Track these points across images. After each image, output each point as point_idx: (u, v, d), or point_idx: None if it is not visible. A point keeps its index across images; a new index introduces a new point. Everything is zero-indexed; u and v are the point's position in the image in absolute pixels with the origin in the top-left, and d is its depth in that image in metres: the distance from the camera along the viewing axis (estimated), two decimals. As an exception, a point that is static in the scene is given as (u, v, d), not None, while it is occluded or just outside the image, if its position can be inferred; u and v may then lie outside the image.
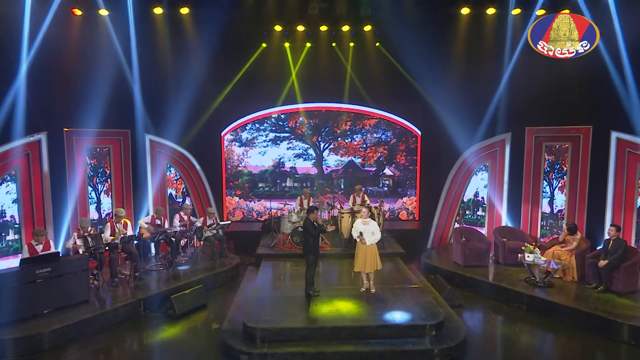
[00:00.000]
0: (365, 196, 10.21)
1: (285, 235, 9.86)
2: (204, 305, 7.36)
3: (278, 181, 12.62)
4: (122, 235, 7.50)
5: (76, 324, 6.18)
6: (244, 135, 12.45)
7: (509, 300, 7.32)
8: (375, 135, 12.54)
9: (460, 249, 8.73)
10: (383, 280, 7.47)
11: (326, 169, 12.61)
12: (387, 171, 12.67)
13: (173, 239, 8.69)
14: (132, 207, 9.25)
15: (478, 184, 10.85)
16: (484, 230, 10.39)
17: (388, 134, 12.60)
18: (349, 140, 12.57)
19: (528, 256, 7.75)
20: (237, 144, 12.48)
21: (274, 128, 12.49)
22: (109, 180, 9.12)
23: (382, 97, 11.72)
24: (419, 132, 12.49)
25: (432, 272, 8.59)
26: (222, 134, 12.34)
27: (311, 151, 12.62)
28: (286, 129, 12.53)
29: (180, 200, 10.51)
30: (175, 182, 10.46)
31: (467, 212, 11.01)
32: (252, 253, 9.61)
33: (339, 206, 10.16)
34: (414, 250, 9.86)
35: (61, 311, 6.44)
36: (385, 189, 12.74)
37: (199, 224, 9.23)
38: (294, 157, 12.58)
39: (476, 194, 10.94)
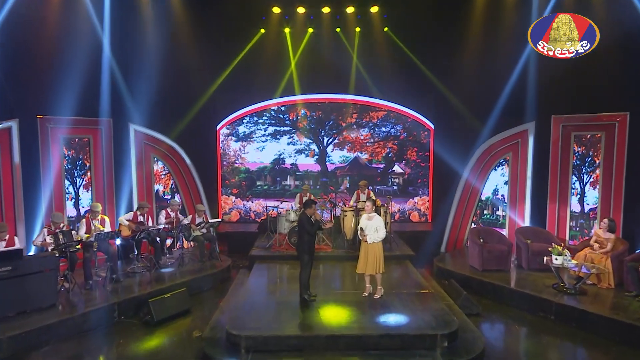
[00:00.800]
0: (372, 193, 9.67)
1: (283, 235, 9.35)
2: (187, 310, 6.90)
3: (278, 179, 12.21)
4: (98, 233, 7.02)
5: (39, 329, 5.71)
6: (241, 129, 12.06)
7: (534, 309, 6.76)
8: (383, 129, 12.10)
9: (477, 251, 8.12)
10: (389, 285, 7.07)
11: (330, 166, 12.19)
12: (397, 168, 12.19)
13: (158, 238, 8.21)
14: (114, 204, 8.83)
15: (497, 181, 10.22)
16: (504, 232, 9.74)
17: (397, 128, 12.12)
18: (355, 134, 12.09)
19: (556, 259, 7.09)
20: (233, 138, 12.09)
21: (273, 121, 12.10)
22: (88, 173, 8.70)
23: (391, 87, 11.29)
24: (432, 126, 11.99)
25: (445, 277, 8.02)
26: (218, 127, 11.94)
27: (314, 146, 12.18)
28: (286, 122, 12.12)
29: (169, 197, 10.05)
30: (163, 177, 10.05)
31: (485, 211, 10.40)
32: (247, 255, 9.14)
33: (342, 204, 9.56)
34: (426, 254, 9.33)
35: (23, 315, 5.97)
36: (395, 187, 12.22)
37: (186, 222, 8.76)
38: (295, 152, 12.17)
39: (495, 192, 10.30)
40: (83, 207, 8.61)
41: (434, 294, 6.82)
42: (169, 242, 8.87)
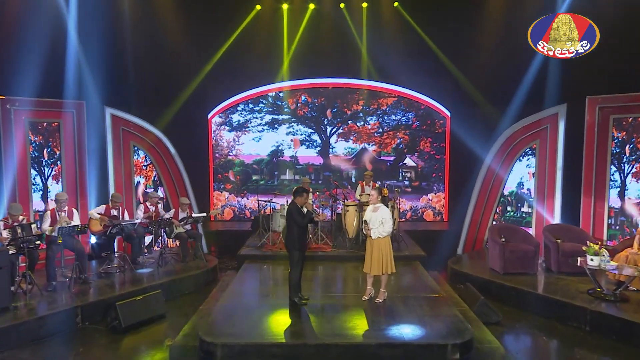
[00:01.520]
0: (377, 185, 9.08)
1: (277, 233, 8.87)
2: (161, 316, 6.52)
3: (275, 173, 11.83)
4: (61, 226, 6.60)
5: (-16, 335, 5.27)
6: (235, 117, 11.69)
7: (566, 317, 6.26)
8: (393, 117, 11.65)
9: (498, 251, 7.55)
10: (395, 288, 6.70)
11: (334, 160, 11.76)
12: (409, 161, 11.73)
13: (134, 235, 7.79)
14: (88, 197, 8.45)
15: (522, 172, 9.67)
16: (531, 231, 9.15)
17: (409, 116, 11.66)
18: (362, 123, 11.66)
19: (591, 259, 6.47)
20: (226, 128, 11.73)
21: (270, 109, 11.71)
22: (58, 162, 8.32)
23: (402, 70, 10.69)
24: (448, 113, 11.50)
25: (461, 281, 7.45)
26: (209, 116, 11.55)
27: (316, 137, 11.73)
28: (285, 109, 11.71)
29: (152, 190, 9.64)
30: (144, 168, 9.65)
31: (509, 208, 9.82)
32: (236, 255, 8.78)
33: (343, 198, 9.05)
34: (441, 256, 8.89)
35: (-32, 319, 5.56)
36: (406, 183, 11.71)
37: (167, 216, 8.32)
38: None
39: (520, 185, 9.74)
40: (52, 199, 8.23)
41: (445, 298, 6.35)
42: (149, 239, 8.42)
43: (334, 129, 11.79)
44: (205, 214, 8.49)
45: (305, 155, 11.81)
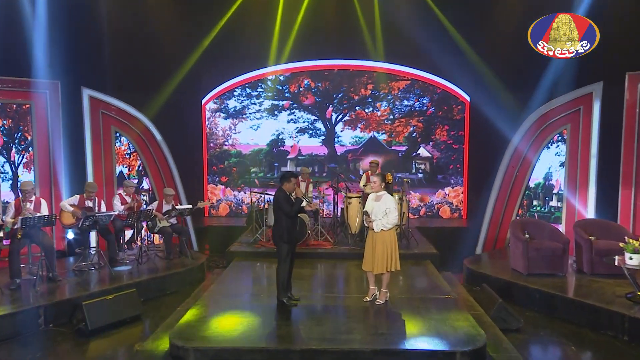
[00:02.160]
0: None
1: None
2: (136, 317, 6.24)
3: (276, 164, 11.56)
4: (24, 217, 6.29)
5: None
6: (231, 103, 11.43)
7: (599, 325, 5.83)
8: (406, 102, 11.31)
9: (521, 250, 7.10)
10: (401, 288, 6.44)
11: (340, 149, 11.44)
12: (423, 151, 11.36)
13: (111, 229, 7.50)
14: (62, 188, 8.20)
15: (551, 162, 9.22)
16: (561, 228, 8.64)
17: (424, 101, 11.31)
18: (371, 109, 11.31)
19: (631, 258, 5.97)
20: (222, 115, 11.47)
21: (270, 94, 11.38)
22: (30, 149, 8.06)
23: (415, 50, 10.34)
24: (467, 98, 11.13)
25: (478, 282, 7.02)
26: (203, 101, 11.26)
27: (320, 125, 11.38)
28: (286, 95, 11.41)
29: (136, 181, 9.36)
30: (127, 156, 9.35)
31: (535, 202, 9.34)
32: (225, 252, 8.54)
33: (345, 189, 8.63)
34: (458, 256, 8.52)
35: None
36: (420, 175, 11.30)
37: (151, 209, 8.01)
38: (297, 132, 11.51)
39: (548, 177, 9.27)
40: (24, 189, 7.99)
41: (457, 301, 5.99)
42: (132, 234, 8.11)
43: (340, 116, 11.37)
44: (191, 206, 8.13)
45: (308, 145, 11.45)
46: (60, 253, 8.08)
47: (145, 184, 9.54)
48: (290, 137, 11.43)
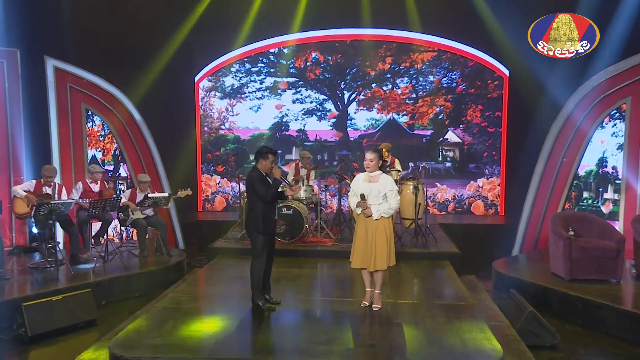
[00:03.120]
0: (397, 161, 8.19)
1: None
2: (90, 322, 5.95)
3: (279, 151, 11.07)
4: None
5: None
6: (228, 81, 11.12)
7: None
8: (431, 78, 10.79)
9: (562, 249, 6.51)
10: (405, 292, 6.07)
11: (353, 133, 10.99)
12: (452, 136, 10.81)
13: (72, 220, 7.23)
14: (24, 173, 7.91)
15: (606, 143, 8.46)
16: (618, 226, 7.96)
17: (453, 76, 10.78)
18: (389, 87, 10.81)
19: None
20: (217, 94, 11.13)
21: (272, 70, 10.98)
22: (-14, 128, 7.81)
23: (442, 15, 9.93)
24: (506, 71, 10.51)
25: (508, 288, 6.53)
26: (196, 79, 10.95)
27: (330, 105, 10.96)
28: (291, 70, 11.03)
29: (111, 167, 9.04)
30: (101, 139, 9.02)
31: (586, 194, 8.68)
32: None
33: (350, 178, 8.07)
34: (490, 257, 7.88)
35: None
36: (448, 164, 10.78)
37: (123, 198, 7.65)
38: (304, 114, 11.10)
39: (602, 162, 8.50)
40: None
41: (472, 308, 5.43)
42: (100, 227, 7.75)
43: (353, 95, 10.81)
44: (167, 195, 7.71)
45: (316, 129, 10.95)
46: (20, 248, 7.84)
47: (123, 171, 9.18)
48: (295, 120, 10.95)
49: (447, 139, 10.69)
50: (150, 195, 7.51)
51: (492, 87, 10.46)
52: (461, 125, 10.63)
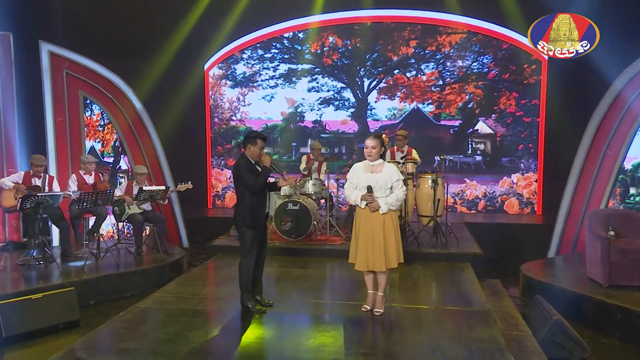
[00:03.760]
0: (414, 151, 7.90)
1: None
2: (72, 323, 5.85)
3: (294, 144, 11.07)
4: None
5: None
6: (240, 68, 11.03)
7: None
8: (460, 63, 10.46)
9: (600, 251, 6.18)
10: (416, 296, 5.78)
11: (373, 124, 10.74)
12: (482, 127, 10.45)
13: (62, 214, 7.19)
14: (18, 165, 7.96)
15: None
16: None
17: (485, 60, 10.43)
18: (414, 73, 10.53)
19: None
20: (228, 82, 11.06)
21: (286, 56, 10.88)
22: (-22, 117, 7.89)
23: None
24: (545, 56, 9.78)
25: (537, 293, 6.17)
26: (206, 66, 10.88)
27: (348, 94, 10.74)
28: (307, 56, 10.87)
29: (110, 159, 9.03)
30: (101, 129, 9.01)
31: (633, 190, 8.19)
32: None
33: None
34: (522, 260, 7.52)
35: None
36: (478, 158, 10.45)
37: (118, 192, 7.58)
38: (320, 103, 10.90)
39: None
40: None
41: (489, 314, 5.08)
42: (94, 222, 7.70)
43: (374, 83, 10.50)
44: (164, 188, 7.57)
45: (334, 119, 10.74)
46: (13, 245, 7.86)
47: (124, 164, 9.13)
48: (311, 110, 10.73)
49: (478, 130, 10.35)
50: (145, 188, 7.38)
51: (529, 72, 10.04)
52: (493, 115, 10.25)
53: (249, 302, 5.07)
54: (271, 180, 5.17)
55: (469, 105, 10.29)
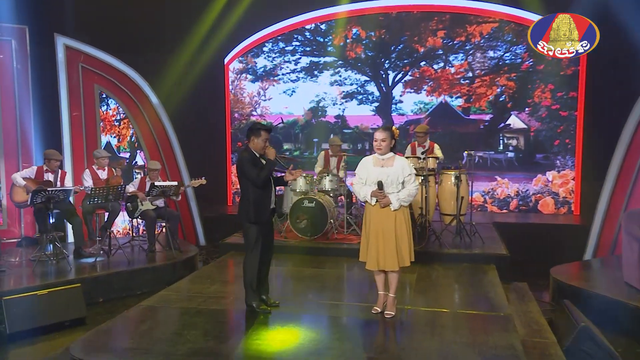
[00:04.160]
0: (436, 146, 7.67)
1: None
2: (79, 321, 5.84)
3: (315, 140, 10.94)
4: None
5: None
6: (261, 62, 10.98)
7: None
8: (491, 53, 10.19)
9: (637, 254, 5.90)
10: (431, 298, 5.59)
11: (398, 119, 10.52)
12: (515, 121, 10.13)
13: (74, 210, 7.23)
14: (34, 161, 8.03)
15: None
16: None
17: (518, 51, 10.13)
18: (441, 65, 10.30)
19: None
20: (249, 77, 10.98)
21: (308, 49, 10.81)
22: (-7, 113, 8.02)
23: None
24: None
25: (568, 299, 5.84)
26: (226, 60, 10.86)
27: (372, 87, 10.58)
28: (329, 49, 10.76)
29: (126, 154, 9.10)
30: (117, 124, 9.06)
31: None
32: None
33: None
34: (555, 263, 7.22)
35: None
36: (510, 155, 10.15)
37: (131, 188, 7.61)
38: (343, 98, 10.79)
39: None
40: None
41: (509, 319, 4.87)
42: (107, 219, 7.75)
43: (399, 76, 10.30)
44: (176, 183, 7.56)
45: (356, 115, 10.56)
46: (29, 240, 8.00)
47: (140, 159, 9.17)
48: (333, 105, 10.60)
49: (510, 124, 10.03)
50: (157, 183, 7.38)
51: (566, 63, 9.64)
52: (527, 109, 9.91)
53: (254, 302, 4.98)
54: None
55: (501, 99, 9.98)
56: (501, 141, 10.04)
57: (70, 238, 7.94)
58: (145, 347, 4.31)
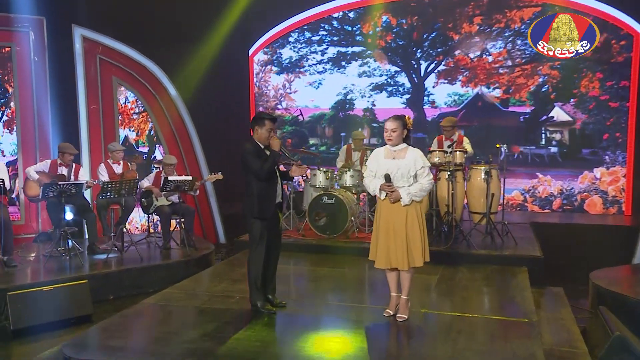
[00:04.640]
0: (466, 139, 7.55)
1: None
2: (85, 318, 5.87)
3: (342, 134, 10.83)
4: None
5: None
6: (286, 53, 10.97)
7: None
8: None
9: None
10: (450, 302, 5.48)
11: (431, 112, 10.33)
12: (559, 113, 9.80)
13: (89, 206, 7.36)
14: (52, 153, 8.18)
15: None
16: None
17: None
18: (478, 54, 10.04)
19: None
20: (274, 68, 11.02)
21: (335, 38, 10.76)
22: (11, 104, 8.17)
23: None
24: (638, 28, 9.27)
25: (609, 305, 5.60)
26: (250, 52, 10.87)
27: (403, 78, 10.41)
28: (357, 38, 10.63)
29: (145, 149, 9.19)
30: (135, 117, 9.16)
31: None
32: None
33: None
34: (598, 267, 6.94)
35: None
36: (554, 150, 9.82)
37: (146, 183, 7.68)
38: (371, 90, 10.64)
39: None
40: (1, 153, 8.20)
41: (533, 326, 4.65)
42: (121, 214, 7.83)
43: (432, 65, 10.07)
44: (190, 178, 7.55)
45: (386, 108, 10.40)
46: (46, 235, 8.14)
47: (159, 154, 9.24)
48: (362, 97, 10.48)
49: (553, 117, 9.71)
50: (170, 178, 7.38)
51: (617, 49, 9.26)
52: (572, 100, 9.56)
53: (258, 301, 4.87)
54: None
55: (543, 89, 9.67)
56: (543, 135, 9.73)
57: (87, 234, 8.13)
58: (138, 346, 4.32)
